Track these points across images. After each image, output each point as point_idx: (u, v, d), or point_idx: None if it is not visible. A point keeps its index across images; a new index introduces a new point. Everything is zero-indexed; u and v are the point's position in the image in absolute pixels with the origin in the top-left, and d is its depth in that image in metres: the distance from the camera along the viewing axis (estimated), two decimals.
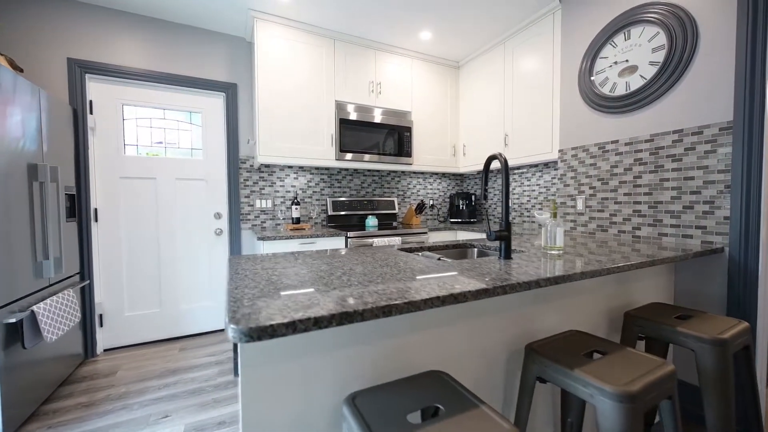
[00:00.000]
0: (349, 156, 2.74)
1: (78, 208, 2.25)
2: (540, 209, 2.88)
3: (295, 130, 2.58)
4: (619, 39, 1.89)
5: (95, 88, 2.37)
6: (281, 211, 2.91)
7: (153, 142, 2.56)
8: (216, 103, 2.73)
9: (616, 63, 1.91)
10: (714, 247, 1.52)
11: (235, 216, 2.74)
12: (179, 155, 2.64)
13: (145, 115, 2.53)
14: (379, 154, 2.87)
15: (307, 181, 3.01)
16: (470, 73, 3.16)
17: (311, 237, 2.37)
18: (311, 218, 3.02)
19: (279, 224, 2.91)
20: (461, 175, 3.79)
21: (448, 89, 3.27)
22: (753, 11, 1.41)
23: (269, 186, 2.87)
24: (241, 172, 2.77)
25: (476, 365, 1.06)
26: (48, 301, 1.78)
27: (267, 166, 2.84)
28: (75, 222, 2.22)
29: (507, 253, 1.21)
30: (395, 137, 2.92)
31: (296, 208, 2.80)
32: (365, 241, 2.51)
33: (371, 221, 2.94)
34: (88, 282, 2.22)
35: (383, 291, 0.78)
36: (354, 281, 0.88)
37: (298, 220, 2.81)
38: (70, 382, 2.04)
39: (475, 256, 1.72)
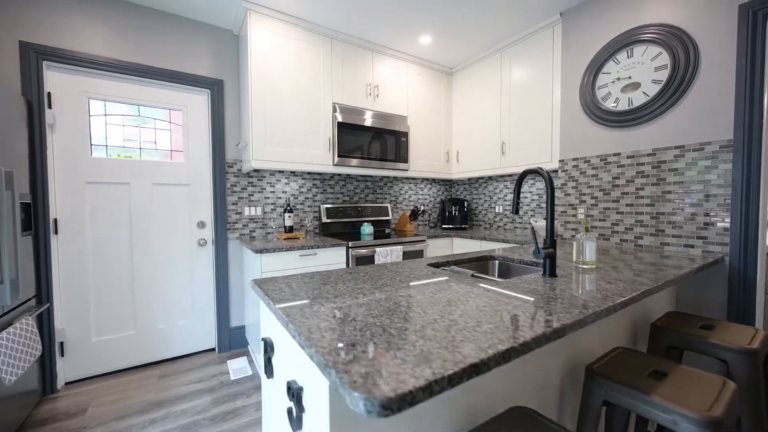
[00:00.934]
0: (346, 161, 2.62)
1: (34, 218, 1.92)
2: (533, 216, 2.96)
3: (290, 133, 2.41)
4: (621, 56, 1.98)
5: (55, 78, 2.03)
6: (272, 218, 2.71)
7: (126, 142, 2.25)
8: (199, 100, 2.47)
9: (618, 79, 1.99)
10: (715, 257, 1.63)
11: (222, 225, 2.50)
12: (157, 157, 2.35)
13: (117, 112, 2.22)
14: (376, 159, 2.77)
15: (299, 187, 2.83)
16: (463, 80, 3.17)
17: (311, 248, 2.22)
18: (303, 226, 2.85)
19: (269, 233, 2.71)
20: (450, 180, 3.81)
21: (441, 95, 3.26)
22: (752, 37, 1.52)
23: (259, 192, 2.66)
24: (227, 176, 2.53)
25: (541, 393, 1.02)
26: (3, 334, 1.48)
27: (257, 170, 2.63)
28: (31, 236, 1.88)
29: (552, 271, 1.19)
30: (392, 142, 2.85)
31: (289, 216, 2.63)
32: (367, 251, 2.41)
33: (367, 229, 2.84)
34: (47, 306, 1.89)
35: (489, 331, 0.70)
36: (436, 317, 0.79)
37: (291, 229, 2.63)
38: (29, 427, 1.72)
39: (497, 268, 1.70)
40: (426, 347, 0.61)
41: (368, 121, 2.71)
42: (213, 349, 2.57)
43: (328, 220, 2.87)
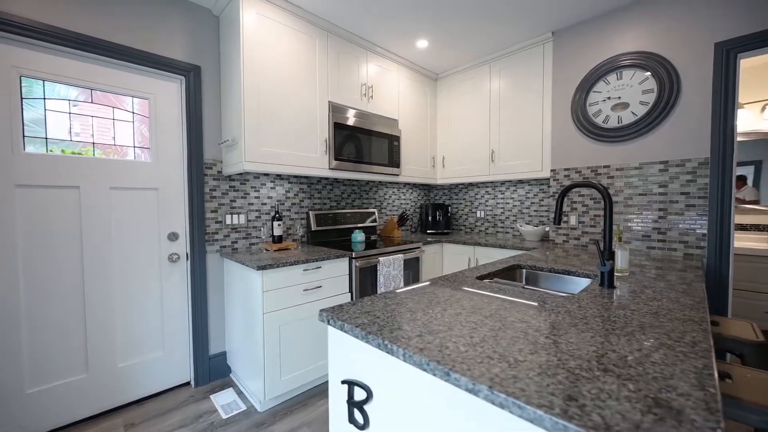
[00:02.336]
0: (343, 165, 2.45)
1: None
2: (514, 220, 3.12)
3: (285, 133, 2.16)
4: (612, 78, 2.18)
5: None
6: (257, 227, 2.40)
7: (73, 135, 1.78)
8: (170, 88, 2.07)
9: (609, 98, 2.19)
10: (694, 258, 1.88)
11: (199, 236, 2.13)
12: (116, 156, 1.91)
13: (61, 95, 1.74)
14: (371, 163, 2.65)
15: (285, 192, 2.57)
16: (450, 87, 3.21)
17: (315, 261, 2.02)
18: (290, 234, 2.59)
19: (254, 244, 2.39)
20: (429, 185, 3.84)
21: (427, 100, 3.25)
22: (725, 71, 1.79)
23: (242, 197, 2.33)
24: (206, 180, 2.17)
25: None
26: None
27: (241, 174, 2.30)
28: None
29: (611, 282, 1.24)
30: (386, 146, 2.75)
31: (279, 224, 2.36)
32: (371, 262, 2.28)
33: (359, 236, 2.70)
34: None
35: (666, 375, 0.67)
36: (591, 361, 0.74)
37: (280, 239, 2.37)
38: None
39: (524, 277, 1.73)
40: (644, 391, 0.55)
41: (363, 123, 2.57)
42: (188, 383, 2.18)
43: (318, 228, 2.65)
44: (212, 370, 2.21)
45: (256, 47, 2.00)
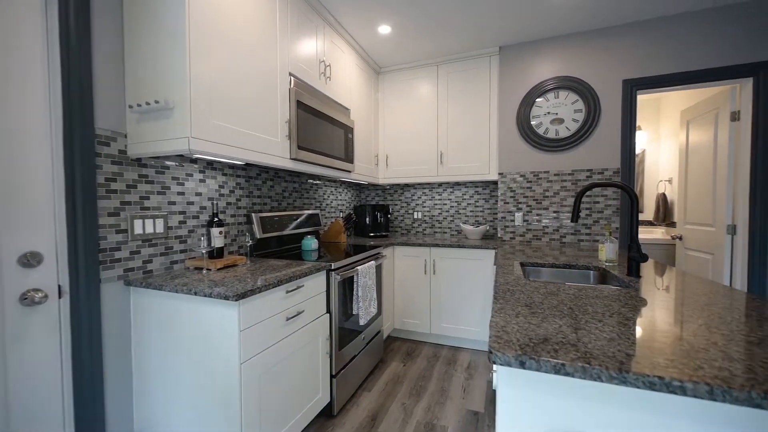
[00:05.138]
0: (306, 155, 1.97)
1: None
2: (452, 221, 3.26)
3: (241, 105, 1.56)
4: (551, 96, 2.53)
5: None
6: (181, 237, 1.65)
7: None
8: (30, 3, 1.16)
9: (548, 113, 2.54)
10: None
11: (86, 256, 1.28)
12: None
13: None
14: (332, 156, 2.24)
15: (219, 186, 1.87)
16: (395, 83, 3.08)
17: (299, 278, 1.52)
18: (226, 244, 1.90)
19: (177, 261, 1.63)
20: (360, 185, 3.60)
21: (372, 94, 3.03)
22: (630, 102, 2.34)
23: (159, 193, 1.55)
24: (99, 164, 1.33)
25: None
26: None
27: (157, 158, 1.52)
28: None
29: (638, 272, 1.38)
30: (342, 138, 2.39)
31: (220, 232, 1.68)
32: (348, 272, 1.90)
33: (311, 243, 2.26)
34: None
35: None
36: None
37: (221, 252, 1.70)
38: None
39: (527, 274, 1.77)
40: None
41: (323, 108, 2.15)
42: None
43: (265, 235, 2.05)
44: None
45: None
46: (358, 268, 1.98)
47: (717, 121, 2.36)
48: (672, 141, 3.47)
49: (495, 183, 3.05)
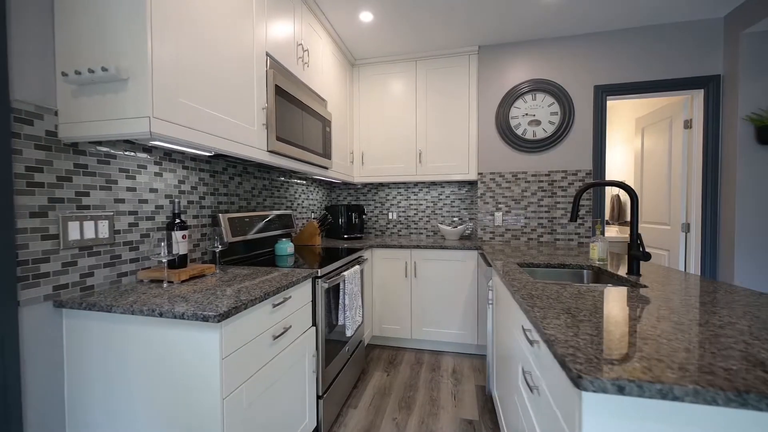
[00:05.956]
0: (284, 148, 1.74)
1: None
2: (428, 221, 3.19)
3: (213, 84, 1.30)
4: (528, 97, 2.57)
5: None
6: (131, 243, 1.34)
7: None
8: None
9: (526, 114, 2.57)
10: (584, 244, 2.47)
11: (0, 273, 0.95)
12: None
13: None
14: (312, 151, 2.03)
15: (179, 181, 1.57)
16: (369, 77, 2.93)
17: (285, 288, 1.31)
18: (190, 250, 1.60)
19: (127, 273, 1.32)
20: (331, 184, 3.39)
21: (346, 87, 2.84)
22: (601, 106, 2.45)
23: (103, 188, 1.23)
24: (18, 149, 1.00)
25: None
26: None
27: (100, 144, 1.21)
28: None
29: (638, 270, 1.39)
30: (320, 131, 2.18)
31: (183, 236, 1.40)
32: (335, 279, 1.71)
33: (286, 247, 2.04)
34: None
35: None
36: None
37: (184, 261, 1.41)
38: None
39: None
40: None
41: (302, 96, 1.93)
42: None
43: (235, 239, 1.78)
44: None
45: None
46: (345, 273, 1.80)
47: (671, 128, 2.57)
48: (624, 146, 3.78)
49: (472, 183, 3.04)
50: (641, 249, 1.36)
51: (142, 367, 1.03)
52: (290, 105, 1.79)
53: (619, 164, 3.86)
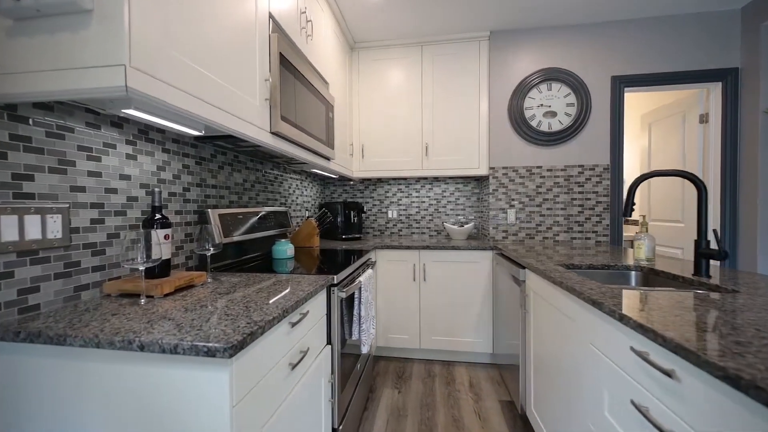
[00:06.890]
0: (290, 130, 1.46)
1: None
2: (431, 219, 2.98)
3: (209, 42, 1.01)
4: (543, 87, 2.41)
5: None
6: (99, 245, 1.01)
7: None
8: None
9: (541, 105, 2.42)
10: (602, 244, 2.34)
11: None
12: None
13: None
14: (315, 138, 1.75)
15: (158, 168, 1.25)
16: (371, 61, 2.68)
17: (303, 302, 1.03)
18: (172, 254, 1.28)
19: (88, 285, 0.99)
20: (325, 179, 3.10)
21: (346, 72, 2.58)
22: (619, 97, 2.34)
23: (53, 171, 0.91)
24: None
25: None
26: None
27: (49, 105, 0.88)
28: None
29: (708, 271, 1.23)
30: (324, 115, 1.91)
31: (166, 235, 1.09)
32: (351, 287, 1.44)
33: (284, 249, 1.76)
34: None
35: None
36: None
37: (166, 268, 1.10)
38: None
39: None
40: None
41: (306, 72, 1.65)
42: None
43: (229, 239, 1.47)
44: None
45: None
46: (360, 279, 1.53)
47: (684, 123, 2.51)
48: (628, 143, 3.74)
49: (478, 179, 2.86)
50: (712, 246, 1.19)
51: (112, 425, 0.72)
52: (294, 80, 1.51)
53: (625, 160, 3.82)
